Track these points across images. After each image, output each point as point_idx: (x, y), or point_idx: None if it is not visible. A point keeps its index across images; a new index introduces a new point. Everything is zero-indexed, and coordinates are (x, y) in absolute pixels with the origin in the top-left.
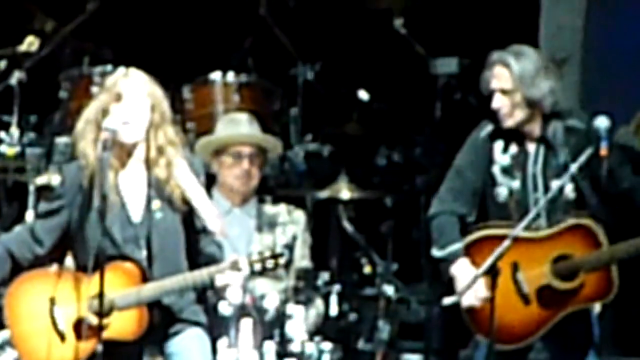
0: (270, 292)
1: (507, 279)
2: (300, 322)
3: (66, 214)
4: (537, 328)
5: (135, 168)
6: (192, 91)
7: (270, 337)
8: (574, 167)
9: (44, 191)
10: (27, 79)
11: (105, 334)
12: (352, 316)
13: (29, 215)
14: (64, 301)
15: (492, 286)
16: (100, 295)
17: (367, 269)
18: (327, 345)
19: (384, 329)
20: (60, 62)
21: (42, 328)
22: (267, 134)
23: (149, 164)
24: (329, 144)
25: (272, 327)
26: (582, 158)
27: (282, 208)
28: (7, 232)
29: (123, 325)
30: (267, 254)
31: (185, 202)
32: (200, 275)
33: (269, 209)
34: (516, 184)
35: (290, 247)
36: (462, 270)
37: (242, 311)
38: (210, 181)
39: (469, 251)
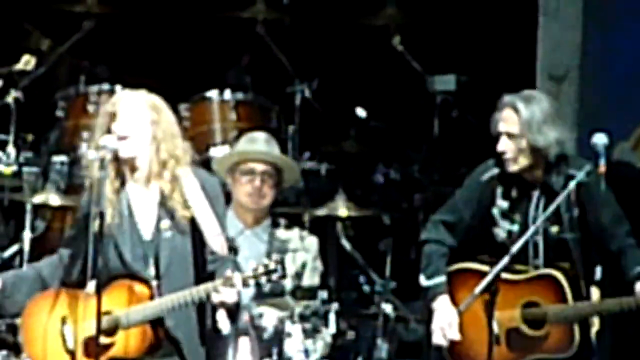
0: (268, 311)
1: (482, 317)
2: (298, 340)
3: (85, 240)
4: None
5: (144, 185)
6: (188, 109)
7: (269, 356)
8: (572, 184)
9: (41, 210)
10: (23, 97)
11: (112, 353)
12: (351, 335)
13: (26, 235)
14: (74, 320)
15: (491, 302)
16: (98, 314)
17: (365, 287)
18: None
19: (383, 348)
20: (57, 80)
21: (54, 347)
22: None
23: (157, 177)
24: (326, 162)
25: (271, 345)
26: (581, 175)
27: (294, 233)
28: (3, 252)
29: (128, 343)
30: (261, 270)
31: (191, 219)
32: (197, 291)
33: (281, 233)
34: (515, 227)
35: (299, 275)
36: (442, 308)
37: (240, 330)
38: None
39: (452, 279)
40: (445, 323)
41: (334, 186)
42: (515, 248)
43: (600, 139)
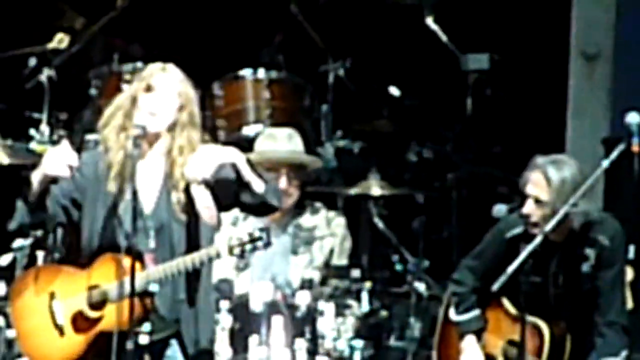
0: (301, 290)
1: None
2: (331, 320)
3: (77, 196)
4: None
5: (154, 161)
6: (222, 88)
7: (302, 335)
8: (605, 163)
9: None
10: (57, 76)
11: (101, 326)
12: (384, 313)
13: None
14: (63, 295)
15: (520, 296)
16: (132, 280)
17: (398, 266)
18: (359, 343)
19: (415, 326)
20: (90, 59)
21: (42, 323)
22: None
23: (170, 159)
24: (359, 141)
25: (303, 324)
26: (614, 154)
27: (320, 218)
28: (37, 227)
29: (116, 316)
30: (246, 238)
31: (190, 199)
32: (184, 261)
33: (307, 221)
34: (537, 279)
35: (327, 263)
36: (468, 350)
37: (273, 308)
38: None
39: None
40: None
41: (367, 165)
42: (537, 240)
43: (633, 118)
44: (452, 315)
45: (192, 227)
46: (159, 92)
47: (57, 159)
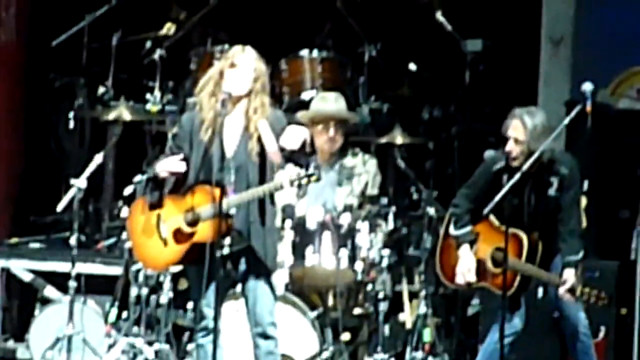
0: (344, 213)
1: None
2: (366, 235)
3: (185, 153)
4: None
5: (237, 116)
6: (286, 63)
7: (344, 246)
8: (566, 121)
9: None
10: (166, 55)
11: (194, 239)
12: (404, 230)
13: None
14: (166, 216)
15: (506, 219)
16: (220, 211)
17: (415, 195)
18: (386, 252)
19: (428, 240)
20: (190, 42)
21: (152, 237)
22: (349, 109)
23: (247, 117)
24: (387, 103)
25: (346, 238)
26: (573, 113)
27: (358, 160)
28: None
29: (206, 232)
30: (302, 174)
31: (261, 147)
32: (256, 191)
33: (349, 161)
34: (516, 201)
35: (363, 192)
36: (463, 256)
37: (323, 226)
38: None
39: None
40: (465, 269)
41: (393, 121)
42: (517, 176)
43: (587, 87)
44: (452, 230)
45: (263, 166)
46: (240, 68)
47: (163, 165)
